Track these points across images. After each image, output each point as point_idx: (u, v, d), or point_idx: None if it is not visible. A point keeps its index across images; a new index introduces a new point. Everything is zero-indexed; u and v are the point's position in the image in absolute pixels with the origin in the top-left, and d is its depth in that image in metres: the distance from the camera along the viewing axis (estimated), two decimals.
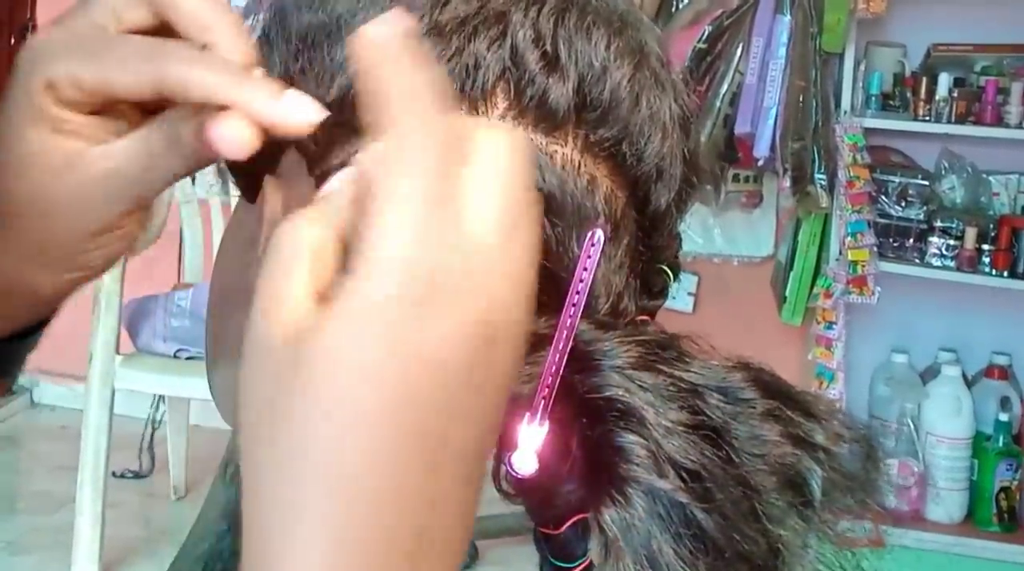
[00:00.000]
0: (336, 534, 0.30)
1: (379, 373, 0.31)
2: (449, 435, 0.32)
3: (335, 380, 0.31)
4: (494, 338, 0.32)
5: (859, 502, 0.44)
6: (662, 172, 0.47)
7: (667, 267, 0.50)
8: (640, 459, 0.40)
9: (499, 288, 0.32)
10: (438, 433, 0.31)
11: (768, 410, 0.43)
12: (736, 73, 2.64)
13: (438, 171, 0.32)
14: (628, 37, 0.46)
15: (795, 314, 2.74)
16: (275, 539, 0.31)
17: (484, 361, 0.32)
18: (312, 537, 0.30)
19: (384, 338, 0.31)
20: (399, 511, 0.31)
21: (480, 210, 0.32)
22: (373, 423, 0.31)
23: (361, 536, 0.31)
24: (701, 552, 0.39)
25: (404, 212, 0.31)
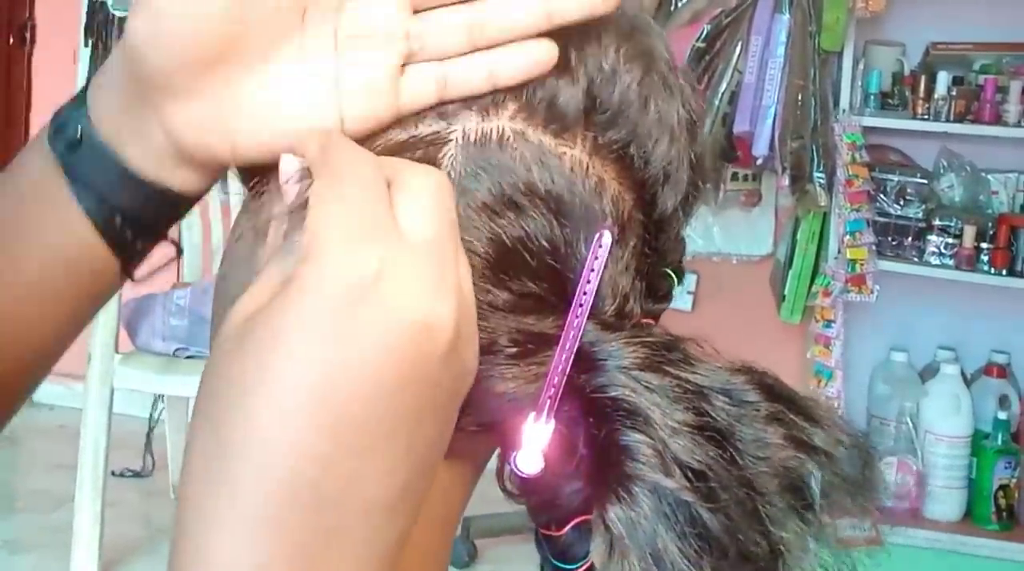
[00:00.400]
0: (252, 511, 0.33)
1: (310, 352, 0.33)
2: (373, 429, 0.34)
3: (270, 352, 0.34)
4: (430, 333, 0.35)
5: (858, 505, 0.44)
6: (669, 176, 0.47)
7: (672, 271, 0.50)
8: (646, 458, 0.40)
9: (430, 286, 0.35)
10: (359, 425, 0.34)
11: (772, 413, 0.43)
12: (735, 72, 2.64)
13: (367, 181, 0.37)
14: (637, 41, 0.47)
15: (794, 312, 2.75)
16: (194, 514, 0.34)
17: (416, 356, 0.35)
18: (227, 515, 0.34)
19: (320, 320, 0.34)
20: (303, 500, 0.33)
21: (412, 218, 0.36)
22: (295, 401, 0.33)
23: (275, 516, 0.33)
24: (705, 551, 0.39)
25: (335, 211, 0.35)
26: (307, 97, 0.43)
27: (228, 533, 0.34)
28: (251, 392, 0.34)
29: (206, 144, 0.44)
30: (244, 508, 0.34)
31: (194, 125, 0.43)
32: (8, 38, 3.54)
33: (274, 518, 0.33)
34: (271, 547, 0.34)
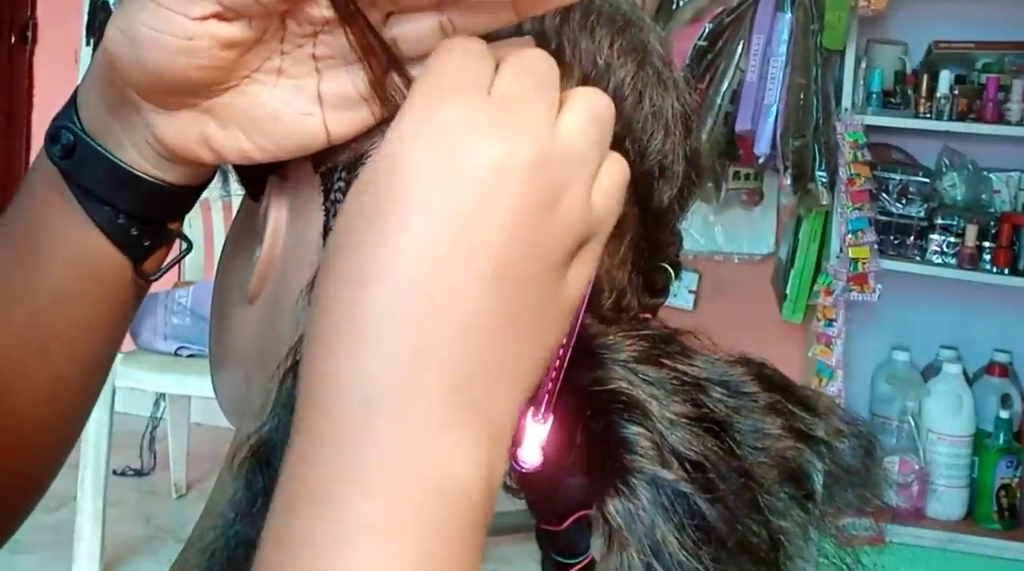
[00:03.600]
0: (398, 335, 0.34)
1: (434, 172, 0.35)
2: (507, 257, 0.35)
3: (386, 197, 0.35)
4: (552, 200, 0.36)
5: (859, 497, 0.44)
6: (664, 169, 0.47)
7: (668, 265, 0.50)
8: (644, 450, 0.40)
9: (506, 128, 0.36)
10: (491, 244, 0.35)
11: (770, 404, 0.43)
12: (737, 70, 2.64)
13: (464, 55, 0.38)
14: (631, 36, 0.47)
15: (796, 311, 2.75)
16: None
17: (537, 203, 0.36)
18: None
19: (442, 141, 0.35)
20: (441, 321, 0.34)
21: (569, 109, 0.38)
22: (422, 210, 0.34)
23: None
24: (704, 542, 0.39)
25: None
26: (290, 110, 0.42)
27: (341, 353, 0.34)
28: (362, 240, 0.35)
29: (189, 149, 0.44)
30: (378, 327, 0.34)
31: (176, 132, 0.43)
32: (10, 37, 3.54)
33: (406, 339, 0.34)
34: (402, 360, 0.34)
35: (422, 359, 0.34)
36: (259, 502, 0.41)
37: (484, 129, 0.36)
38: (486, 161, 0.35)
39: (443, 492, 0.34)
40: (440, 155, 0.35)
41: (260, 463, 0.42)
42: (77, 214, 0.46)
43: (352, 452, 0.33)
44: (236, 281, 0.50)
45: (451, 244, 0.34)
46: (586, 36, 0.45)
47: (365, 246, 0.35)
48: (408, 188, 0.35)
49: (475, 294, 0.35)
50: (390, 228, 0.35)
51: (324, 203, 0.45)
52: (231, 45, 0.40)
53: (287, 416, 0.42)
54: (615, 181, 0.40)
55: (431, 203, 0.35)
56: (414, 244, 0.34)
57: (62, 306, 0.48)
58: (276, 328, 0.47)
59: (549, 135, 0.37)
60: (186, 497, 2.93)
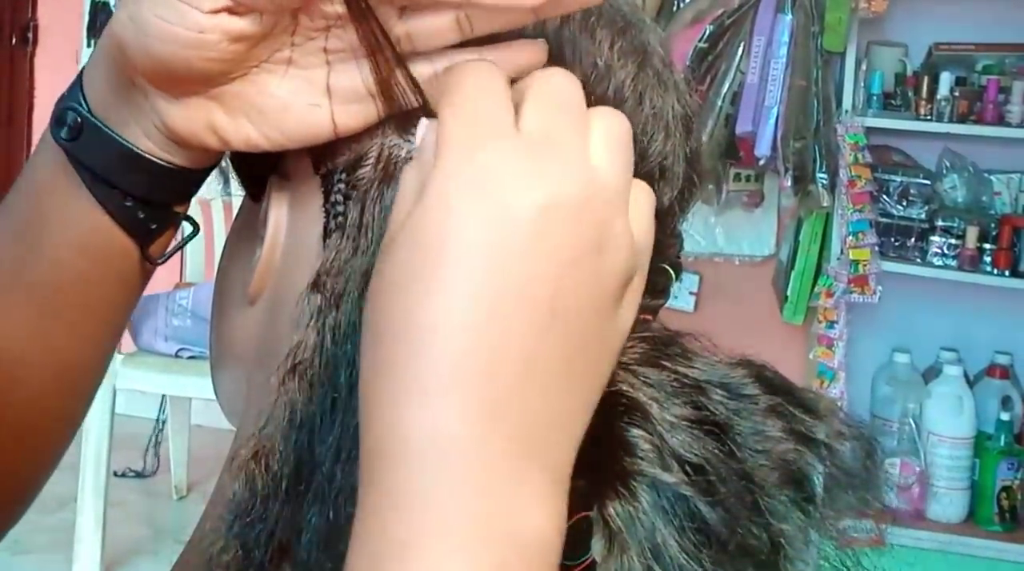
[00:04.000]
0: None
1: (472, 219, 0.35)
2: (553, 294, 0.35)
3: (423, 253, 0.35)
4: (555, 210, 0.35)
5: (860, 499, 0.44)
6: (665, 171, 0.47)
7: (669, 266, 0.50)
8: (645, 453, 0.40)
9: (548, 169, 0.36)
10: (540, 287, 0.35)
11: (771, 406, 0.43)
12: (737, 72, 2.64)
13: (486, 91, 0.38)
14: (631, 37, 0.47)
15: (796, 313, 2.74)
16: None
17: (544, 227, 0.35)
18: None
19: (482, 187, 0.35)
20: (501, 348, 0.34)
21: (530, 117, 0.37)
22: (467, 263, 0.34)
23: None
24: (705, 545, 0.39)
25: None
26: (298, 101, 0.42)
27: (412, 407, 0.34)
28: (413, 289, 0.35)
29: (196, 136, 0.43)
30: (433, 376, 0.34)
31: (182, 118, 0.43)
32: (10, 38, 3.54)
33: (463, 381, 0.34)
34: (460, 410, 0.34)
35: (492, 410, 0.34)
36: (258, 504, 0.41)
37: (525, 174, 0.36)
38: (530, 209, 0.35)
39: (522, 544, 0.34)
40: (484, 205, 0.35)
41: (259, 465, 0.42)
42: (83, 197, 0.46)
43: (432, 509, 0.33)
44: (236, 282, 0.50)
45: (506, 293, 0.34)
46: (586, 37, 0.45)
47: (413, 299, 0.35)
48: (457, 239, 0.35)
49: (534, 342, 0.35)
50: (444, 279, 0.34)
51: (324, 205, 0.45)
52: (241, 39, 0.40)
53: (286, 418, 0.42)
54: (645, 210, 0.40)
55: (481, 253, 0.34)
56: (471, 296, 0.34)
57: (67, 290, 0.48)
58: (276, 329, 0.46)
59: (588, 171, 0.37)
60: (187, 499, 2.93)
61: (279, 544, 0.41)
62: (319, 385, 0.42)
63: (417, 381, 0.34)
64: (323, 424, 0.41)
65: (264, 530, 0.41)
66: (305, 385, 0.42)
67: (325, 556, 0.40)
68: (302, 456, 0.41)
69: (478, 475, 0.33)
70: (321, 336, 0.42)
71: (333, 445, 0.41)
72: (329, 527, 0.40)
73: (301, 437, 0.41)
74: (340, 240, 0.44)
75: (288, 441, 0.42)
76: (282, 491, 0.41)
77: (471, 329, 0.34)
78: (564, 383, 0.36)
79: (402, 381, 0.34)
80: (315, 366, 0.42)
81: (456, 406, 0.34)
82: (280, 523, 0.41)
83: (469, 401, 0.34)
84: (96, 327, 0.50)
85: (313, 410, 0.41)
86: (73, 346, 0.50)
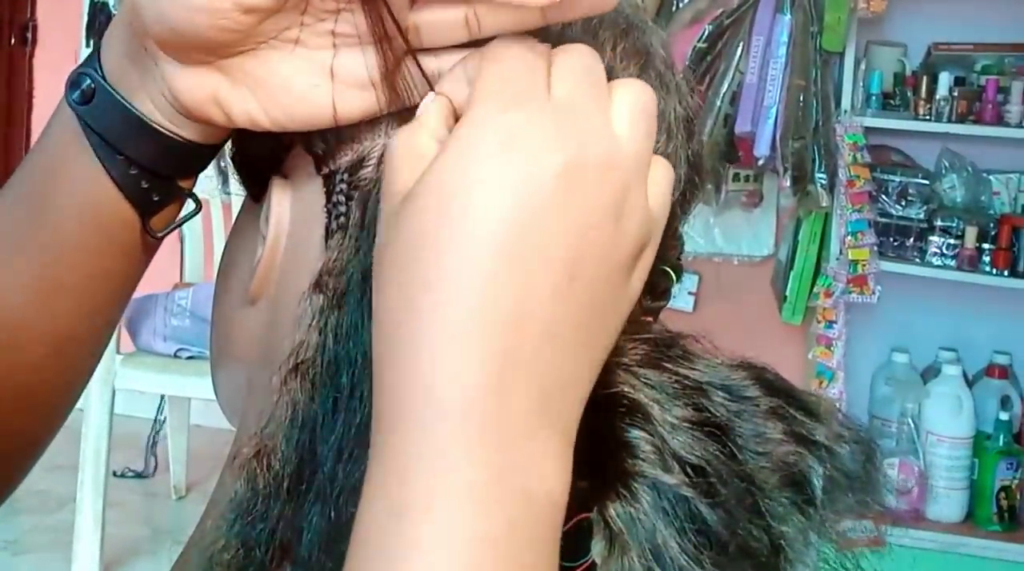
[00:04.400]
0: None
1: (491, 183, 0.35)
2: (569, 259, 0.36)
3: (447, 202, 0.35)
4: (574, 172, 0.36)
5: (859, 501, 0.44)
6: None
7: (670, 268, 0.50)
8: (646, 454, 0.40)
9: (571, 132, 0.37)
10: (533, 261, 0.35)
11: (771, 408, 0.43)
12: (736, 72, 2.64)
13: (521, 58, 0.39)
14: (633, 39, 0.47)
15: (795, 313, 2.74)
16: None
17: (563, 190, 0.36)
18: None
19: (497, 153, 0.36)
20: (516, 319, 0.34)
21: (560, 83, 0.38)
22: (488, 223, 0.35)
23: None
24: (705, 547, 0.39)
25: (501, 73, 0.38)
26: (302, 81, 0.43)
27: (434, 361, 0.34)
28: (439, 241, 0.35)
29: (200, 106, 0.43)
30: (445, 328, 0.34)
31: (189, 89, 0.43)
32: (9, 38, 3.54)
33: (475, 336, 0.34)
34: (472, 361, 0.34)
35: (512, 365, 0.34)
36: (260, 503, 0.41)
37: (550, 137, 0.36)
38: (555, 169, 0.35)
39: (533, 502, 0.34)
40: (509, 165, 0.35)
41: (261, 464, 0.42)
42: (90, 162, 0.46)
43: (454, 464, 0.33)
44: (237, 282, 0.50)
45: (529, 249, 0.35)
46: (588, 39, 0.45)
47: (439, 250, 0.35)
48: (484, 191, 0.35)
49: (552, 300, 0.35)
50: (466, 232, 0.35)
51: (326, 205, 0.45)
52: (252, 10, 0.40)
53: (288, 417, 0.42)
54: (663, 182, 0.41)
55: (507, 207, 0.35)
56: (494, 248, 0.35)
57: (69, 258, 0.48)
58: (278, 329, 0.47)
59: (612, 138, 0.38)
60: (186, 499, 2.93)
61: (280, 543, 0.41)
62: (321, 385, 0.42)
63: (442, 329, 0.34)
64: (325, 424, 0.41)
65: (265, 529, 0.41)
66: (307, 385, 0.42)
67: (326, 555, 0.40)
68: (304, 456, 0.41)
69: (497, 427, 0.34)
70: (323, 336, 0.42)
71: (335, 445, 0.41)
72: (330, 527, 0.40)
73: (303, 437, 0.41)
74: (342, 240, 0.44)
75: (290, 441, 0.42)
76: (284, 490, 0.41)
77: (496, 281, 0.34)
78: (578, 344, 0.36)
79: (426, 329, 0.35)
80: (317, 366, 0.42)
81: (478, 355, 0.34)
82: (281, 522, 0.41)
83: (492, 351, 0.34)
84: (97, 298, 0.50)
85: (315, 410, 0.42)
86: (73, 315, 0.50)
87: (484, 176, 0.35)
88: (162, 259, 0.54)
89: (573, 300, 0.36)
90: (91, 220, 0.47)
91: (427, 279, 0.35)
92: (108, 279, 0.50)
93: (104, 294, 0.50)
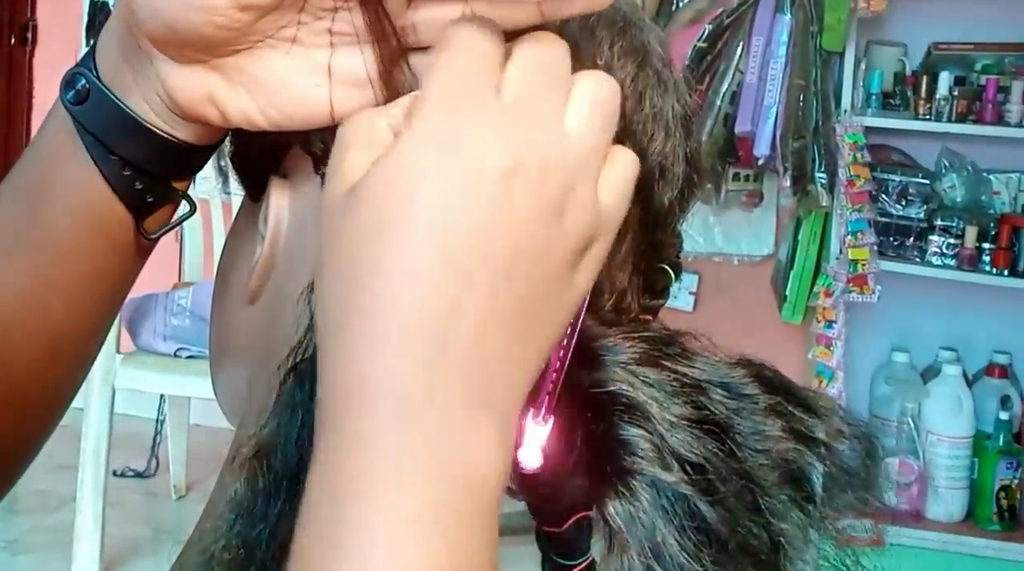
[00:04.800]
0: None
1: (424, 193, 0.35)
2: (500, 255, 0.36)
3: (391, 203, 0.36)
4: (514, 176, 0.36)
5: (859, 498, 0.44)
6: (665, 171, 0.47)
7: (669, 266, 0.50)
8: (644, 452, 0.40)
9: (516, 135, 0.37)
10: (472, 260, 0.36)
11: (770, 406, 0.43)
12: (736, 72, 2.64)
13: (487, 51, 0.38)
14: (631, 37, 0.47)
15: (795, 313, 2.74)
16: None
17: (503, 195, 0.36)
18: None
19: (428, 166, 0.36)
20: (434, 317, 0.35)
21: (510, 82, 0.38)
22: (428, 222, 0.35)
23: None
24: (705, 544, 0.39)
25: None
26: (299, 80, 0.42)
27: (371, 354, 0.35)
28: (379, 239, 0.35)
29: (196, 106, 0.43)
30: (382, 330, 0.35)
31: (184, 88, 0.43)
32: (9, 38, 3.54)
33: (410, 342, 0.35)
34: (411, 365, 0.35)
35: (448, 359, 0.35)
36: (260, 503, 0.41)
37: (494, 136, 0.36)
38: (496, 168, 0.35)
39: (471, 486, 0.35)
40: (451, 162, 0.35)
41: (261, 464, 0.42)
42: (84, 163, 0.46)
43: (387, 450, 0.34)
44: (236, 281, 0.50)
45: (466, 249, 0.35)
46: (586, 37, 0.45)
47: (379, 248, 0.35)
48: (422, 193, 0.35)
49: (490, 296, 0.35)
50: (406, 232, 0.35)
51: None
52: (249, 7, 0.40)
53: (288, 417, 0.42)
54: (622, 175, 0.40)
55: (445, 209, 0.35)
56: (432, 248, 0.35)
57: (63, 258, 0.48)
58: (277, 328, 0.47)
59: (558, 138, 0.37)
60: (186, 498, 2.93)
61: (281, 543, 0.41)
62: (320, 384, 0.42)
63: (377, 328, 0.35)
64: None
65: (266, 529, 0.41)
66: (307, 384, 0.42)
67: None
68: (304, 455, 0.41)
69: (430, 420, 0.34)
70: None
71: None
72: None
73: (303, 436, 0.41)
74: None
75: (290, 440, 0.42)
76: (284, 490, 0.41)
77: (430, 282, 0.35)
78: (517, 338, 0.36)
79: (362, 327, 0.35)
80: (315, 365, 0.42)
81: (413, 353, 0.34)
82: (282, 522, 0.41)
83: (425, 349, 0.35)
84: (91, 298, 0.50)
85: (315, 409, 0.41)
86: (67, 315, 0.50)
87: (425, 181, 0.35)
88: (162, 259, 0.54)
89: (510, 296, 0.36)
90: (85, 220, 0.47)
91: (368, 274, 0.35)
92: (101, 280, 0.50)
93: (98, 294, 0.50)
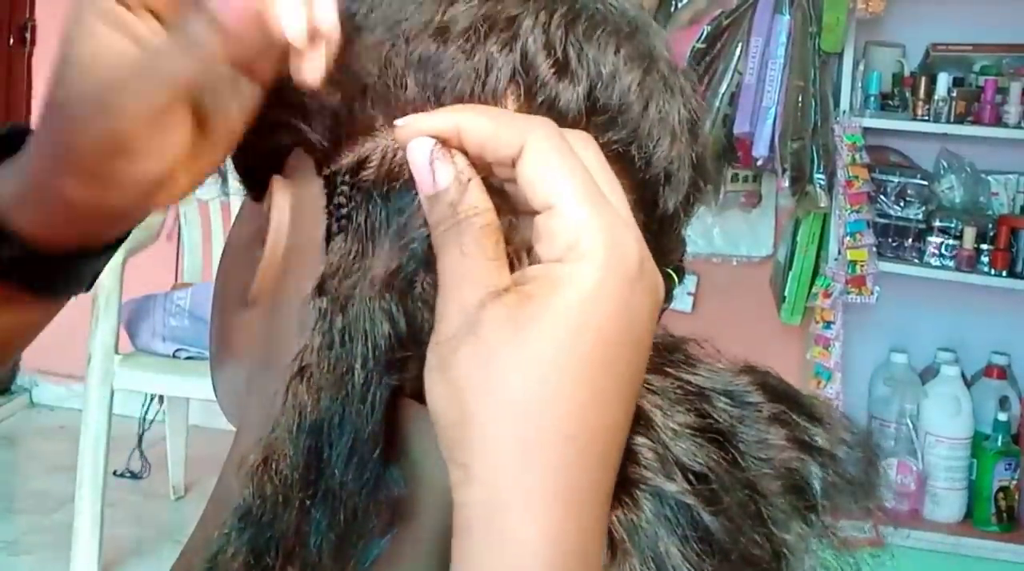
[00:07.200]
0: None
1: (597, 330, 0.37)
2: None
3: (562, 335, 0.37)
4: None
5: (860, 506, 0.44)
6: (670, 176, 0.47)
7: (672, 271, 0.50)
8: (648, 461, 0.40)
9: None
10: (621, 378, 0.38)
11: (774, 414, 0.43)
12: (735, 73, 2.64)
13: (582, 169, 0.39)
14: (638, 42, 0.47)
15: (794, 314, 2.75)
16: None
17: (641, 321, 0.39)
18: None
19: (614, 304, 0.38)
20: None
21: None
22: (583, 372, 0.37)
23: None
24: (707, 554, 0.39)
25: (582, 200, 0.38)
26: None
27: None
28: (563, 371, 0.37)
29: None
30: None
31: None
32: (8, 39, 3.54)
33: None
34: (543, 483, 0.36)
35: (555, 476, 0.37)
36: (268, 509, 0.41)
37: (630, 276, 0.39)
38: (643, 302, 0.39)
39: (590, 556, 0.38)
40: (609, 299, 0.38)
41: (269, 470, 0.42)
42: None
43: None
44: (237, 282, 0.50)
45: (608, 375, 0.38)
46: (592, 43, 0.45)
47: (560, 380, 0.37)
48: (595, 336, 0.38)
49: (608, 408, 0.38)
50: (582, 362, 0.38)
51: (327, 206, 0.45)
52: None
53: (294, 422, 0.42)
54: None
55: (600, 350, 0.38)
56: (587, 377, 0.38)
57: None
58: (278, 329, 0.46)
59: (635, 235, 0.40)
60: (184, 499, 2.92)
61: (289, 549, 0.41)
62: (327, 388, 0.42)
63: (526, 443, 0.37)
64: (332, 428, 0.41)
65: (274, 535, 0.41)
66: (313, 389, 0.42)
67: (334, 561, 0.40)
68: (311, 460, 0.41)
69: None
70: (328, 339, 0.42)
71: (343, 449, 0.40)
72: (339, 532, 0.40)
73: (310, 441, 0.41)
74: (343, 242, 0.44)
75: (297, 446, 0.41)
76: (292, 496, 0.41)
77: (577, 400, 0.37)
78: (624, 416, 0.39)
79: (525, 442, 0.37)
80: (322, 369, 0.42)
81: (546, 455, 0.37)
82: (290, 528, 0.41)
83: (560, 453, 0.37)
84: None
85: (321, 414, 0.41)
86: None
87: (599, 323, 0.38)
88: (161, 259, 0.54)
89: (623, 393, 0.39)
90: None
91: (543, 397, 0.37)
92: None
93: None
